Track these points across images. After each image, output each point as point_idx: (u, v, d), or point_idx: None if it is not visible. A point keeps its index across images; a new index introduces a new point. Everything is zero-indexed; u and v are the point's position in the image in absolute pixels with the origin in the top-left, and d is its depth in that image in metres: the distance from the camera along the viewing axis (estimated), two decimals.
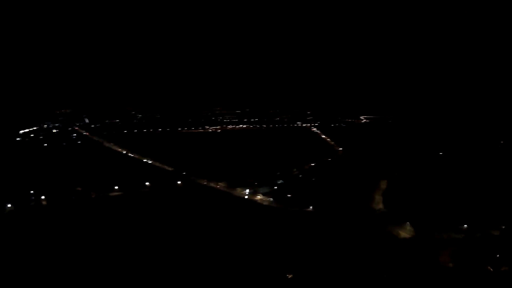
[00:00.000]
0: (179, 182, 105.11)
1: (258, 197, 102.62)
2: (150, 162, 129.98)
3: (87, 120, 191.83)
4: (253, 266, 63.12)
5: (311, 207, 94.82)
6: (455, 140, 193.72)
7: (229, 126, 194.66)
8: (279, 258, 66.11)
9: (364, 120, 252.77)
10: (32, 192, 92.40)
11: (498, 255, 77.63)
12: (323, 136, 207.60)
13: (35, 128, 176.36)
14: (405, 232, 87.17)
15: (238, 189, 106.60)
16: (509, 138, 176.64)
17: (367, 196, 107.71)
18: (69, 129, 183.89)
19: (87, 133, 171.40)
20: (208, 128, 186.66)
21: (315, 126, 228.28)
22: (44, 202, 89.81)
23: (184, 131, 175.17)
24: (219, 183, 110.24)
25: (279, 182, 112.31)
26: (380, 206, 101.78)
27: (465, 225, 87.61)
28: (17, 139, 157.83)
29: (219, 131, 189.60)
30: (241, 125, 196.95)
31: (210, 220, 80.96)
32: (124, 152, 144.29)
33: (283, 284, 62.52)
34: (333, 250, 70.76)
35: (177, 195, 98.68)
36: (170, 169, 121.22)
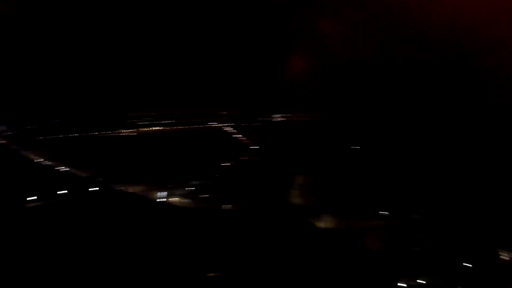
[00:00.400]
0: (96, 188, 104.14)
1: (176, 199, 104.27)
2: (67, 169, 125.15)
3: (3, 127, 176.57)
4: (175, 266, 64.48)
5: (229, 205, 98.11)
6: (371, 134, 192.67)
7: (144, 129, 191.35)
8: (201, 257, 67.51)
9: (279, 118, 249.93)
10: None
11: (422, 236, 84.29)
12: (238, 136, 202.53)
13: None
14: (326, 224, 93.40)
15: (156, 192, 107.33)
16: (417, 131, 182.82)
17: (285, 192, 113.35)
18: None
19: (5, 141, 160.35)
20: (123, 132, 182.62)
21: (228, 126, 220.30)
22: None
23: (99, 135, 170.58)
24: (137, 187, 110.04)
25: (195, 183, 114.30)
26: (299, 200, 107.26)
27: (386, 212, 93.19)
28: None
29: (134, 134, 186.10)
30: (156, 127, 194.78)
31: (129, 225, 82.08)
32: (40, 159, 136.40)
33: (206, 284, 64.93)
34: (255, 246, 73.03)
35: (95, 201, 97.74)
36: (86, 175, 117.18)
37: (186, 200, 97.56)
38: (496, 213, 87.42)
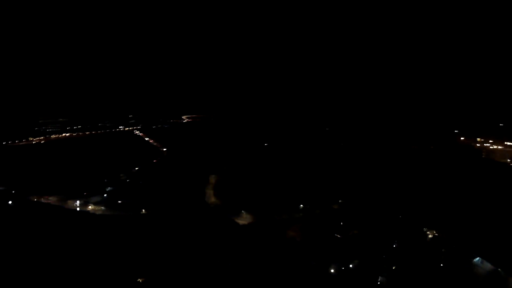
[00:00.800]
0: (10, 202, 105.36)
1: (90, 207, 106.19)
2: None
3: None
4: (97, 276, 66.28)
5: (143, 210, 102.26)
6: (278, 131, 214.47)
7: (52, 136, 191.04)
8: (124, 263, 69.55)
9: (187, 120, 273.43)
10: None
11: (341, 223, 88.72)
12: (147, 139, 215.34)
13: None
14: (243, 220, 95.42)
15: (69, 201, 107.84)
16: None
17: (199, 192, 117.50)
18: None
19: None
20: (32, 140, 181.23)
21: (137, 129, 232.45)
22: None
23: (7, 144, 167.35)
24: (50, 198, 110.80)
25: (108, 189, 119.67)
26: (213, 199, 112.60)
27: (301, 205, 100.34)
28: None
29: (43, 142, 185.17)
30: (65, 134, 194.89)
31: (45, 235, 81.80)
32: None
33: None
34: (176, 248, 75.27)
35: (10, 215, 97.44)
36: None
37: (100, 207, 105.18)
38: (417, 196, 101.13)
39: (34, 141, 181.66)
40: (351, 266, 71.91)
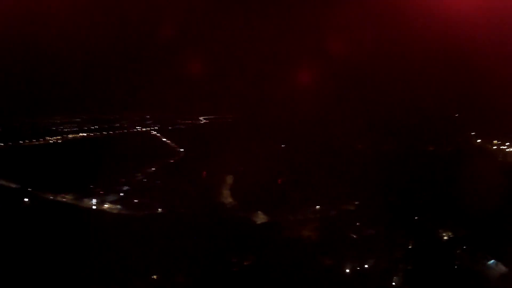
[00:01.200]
0: (26, 200, 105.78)
1: (106, 205, 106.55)
2: None
3: None
4: (116, 273, 65.74)
5: (160, 209, 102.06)
6: (295, 134, 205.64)
7: (69, 136, 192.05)
8: (140, 262, 68.65)
9: (204, 121, 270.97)
10: None
11: (358, 224, 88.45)
12: (164, 139, 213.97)
13: None
14: (259, 220, 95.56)
15: (85, 200, 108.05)
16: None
17: (215, 192, 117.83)
18: None
19: None
20: (49, 139, 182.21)
21: (154, 130, 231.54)
22: None
23: (25, 144, 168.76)
24: (66, 196, 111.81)
25: (124, 189, 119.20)
26: (230, 199, 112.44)
27: (317, 206, 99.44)
28: None
29: (60, 141, 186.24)
30: (82, 134, 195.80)
31: (61, 233, 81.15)
32: None
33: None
34: (192, 247, 74.89)
35: (26, 212, 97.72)
36: (15, 186, 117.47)
37: (116, 206, 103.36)
38: (430, 199, 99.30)
39: (51, 140, 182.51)
40: (366, 266, 71.23)
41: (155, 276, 65.35)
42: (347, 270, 70.54)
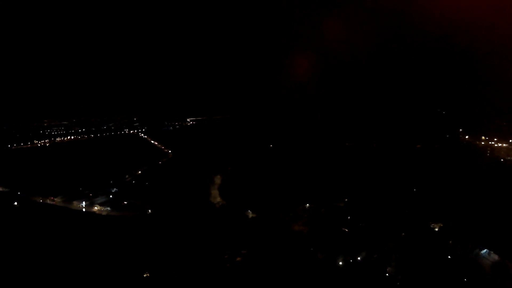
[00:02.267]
0: (15, 203, 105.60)
1: (96, 208, 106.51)
2: None
3: None
4: (105, 275, 65.85)
5: (149, 210, 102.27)
6: (282, 134, 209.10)
7: (57, 139, 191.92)
8: (130, 262, 69.43)
9: (191, 122, 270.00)
10: None
11: (349, 217, 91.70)
12: (152, 141, 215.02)
13: None
14: (249, 218, 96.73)
15: (75, 202, 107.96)
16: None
17: (204, 192, 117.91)
18: None
19: None
20: (37, 142, 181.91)
21: (142, 132, 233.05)
22: None
23: (13, 147, 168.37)
24: (55, 199, 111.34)
25: (113, 191, 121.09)
26: (218, 199, 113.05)
27: (307, 204, 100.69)
28: None
29: (48, 144, 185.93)
30: (70, 137, 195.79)
31: (50, 235, 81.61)
32: None
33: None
34: (183, 245, 75.85)
35: (15, 215, 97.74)
36: (4, 190, 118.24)
37: (106, 208, 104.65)
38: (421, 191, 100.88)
39: (39, 143, 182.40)
40: (358, 258, 72.45)
41: (146, 274, 65.77)
42: (340, 263, 71.57)
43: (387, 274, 67.47)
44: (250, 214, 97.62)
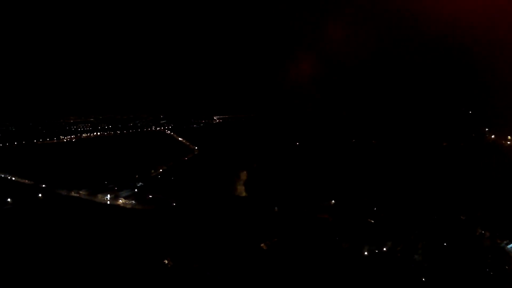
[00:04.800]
0: (40, 195, 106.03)
1: (120, 201, 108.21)
2: (9, 177, 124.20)
3: None
4: (127, 268, 64.75)
5: (174, 204, 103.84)
6: (307, 132, 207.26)
7: (83, 135, 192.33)
8: (153, 256, 68.38)
9: (218, 120, 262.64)
10: None
11: (375, 208, 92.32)
12: (178, 138, 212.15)
13: None
14: (274, 212, 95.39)
15: (99, 196, 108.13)
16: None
17: (230, 187, 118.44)
18: None
19: None
20: (63, 138, 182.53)
21: (169, 129, 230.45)
22: None
23: (39, 142, 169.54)
24: (80, 192, 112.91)
25: (138, 185, 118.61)
26: (244, 194, 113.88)
27: (332, 200, 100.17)
28: None
29: (74, 140, 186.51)
30: (96, 133, 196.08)
31: (76, 227, 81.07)
32: None
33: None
34: (207, 242, 74.29)
35: (40, 207, 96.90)
36: (29, 182, 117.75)
37: (131, 202, 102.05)
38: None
39: (65, 139, 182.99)
40: (384, 249, 72.40)
41: (166, 261, 63.92)
42: (366, 253, 71.68)
43: (412, 264, 67.84)
44: (275, 208, 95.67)
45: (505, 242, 73.64)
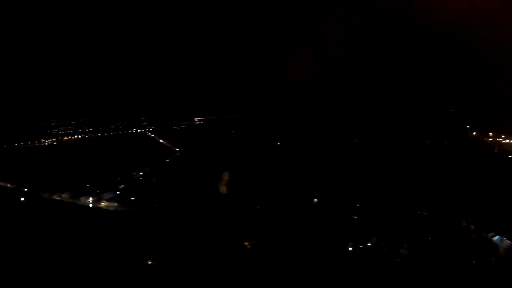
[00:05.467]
0: (22, 199, 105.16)
1: (103, 203, 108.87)
2: None
3: None
4: (111, 269, 64.79)
5: (156, 205, 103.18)
6: (289, 133, 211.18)
7: (65, 138, 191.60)
8: (136, 257, 68.85)
9: (199, 122, 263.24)
10: None
11: (357, 205, 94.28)
12: (160, 140, 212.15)
13: None
14: (257, 212, 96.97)
15: (82, 198, 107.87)
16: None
17: (213, 188, 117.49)
18: None
19: None
20: (44, 141, 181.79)
21: (150, 131, 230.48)
22: None
23: (20, 146, 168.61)
24: (62, 195, 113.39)
25: (121, 187, 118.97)
26: (227, 194, 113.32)
27: (315, 199, 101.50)
28: None
29: (55, 143, 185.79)
30: (77, 135, 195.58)
31: (59, 229, 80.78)
32: None
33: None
34: (190, 242, 75.52)
35: (22, 211, 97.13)
36: (11, 186, 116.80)
37: (113, 204, 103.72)
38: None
39: (46, 142, 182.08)
40: (369, 244, 73.48)
41: (150, 262, 64.73)
42: (350, 249, 72.74)
43: (398, 259, 68.99)
44: (258, 208, 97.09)
45: (490, 234, 74.81)
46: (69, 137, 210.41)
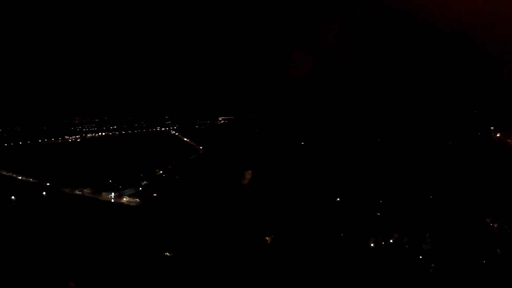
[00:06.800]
0: (44, 193, 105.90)
1: (124, 199, 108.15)
2: (13, 175, 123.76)
3: None
4: (131, 264, 65.02)
5: (178, 202, 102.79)
6: (312, 132, 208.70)
7: (88, 135, 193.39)
8: (157, 252, 69.12)
9: (223, 121, 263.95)
10: None
11: (380, 201, 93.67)
12: (183, 138, 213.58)
13: None
14: (278, 209, 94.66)
15: (104, 194, 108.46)
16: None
17: (235, 186, 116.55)
18: None
19: None
20: (68, 138, 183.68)
21: (174, 130, 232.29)
22: None
23: (44, 142, 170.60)
24: (84, 190, 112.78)
25: (143, 183, 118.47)
26: (248, 192, 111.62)
27: (338, 198, 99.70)
28: None
29: (79, 140, 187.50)
30: (101, 133, 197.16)
31: (80, 224, 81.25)
32: None
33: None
34: (211, 237, 75.28)
35: (44, 205, 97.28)
36: (34, 181, 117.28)
37: (135, 200, 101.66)
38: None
39: (70, 139, 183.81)
40: (391, 241, 72.56)
41: (168, 253, 64.38)
42: (372, 245, 72.09)
43: (420, 255, 68.02)
44: (279, 206, 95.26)
45: None
46: (93, 134, 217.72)
